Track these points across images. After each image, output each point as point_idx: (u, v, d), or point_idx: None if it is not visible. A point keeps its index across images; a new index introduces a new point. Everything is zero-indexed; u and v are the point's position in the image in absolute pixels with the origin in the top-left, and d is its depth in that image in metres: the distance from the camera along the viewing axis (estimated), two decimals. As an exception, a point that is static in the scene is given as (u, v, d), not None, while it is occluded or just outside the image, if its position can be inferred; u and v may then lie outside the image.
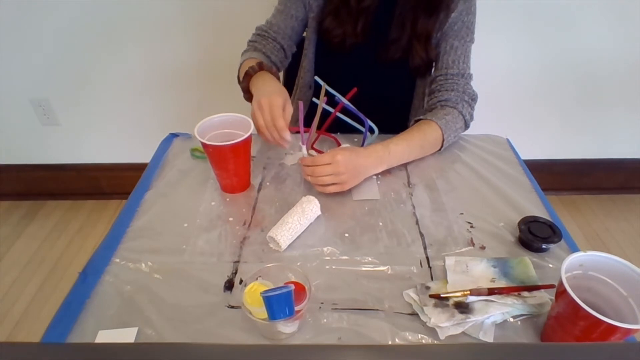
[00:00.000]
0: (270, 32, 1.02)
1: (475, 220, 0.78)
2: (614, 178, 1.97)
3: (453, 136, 0.94)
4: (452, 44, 0.96)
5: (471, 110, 0.97)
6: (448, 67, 0.97)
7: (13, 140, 1.83)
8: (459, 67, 0.96)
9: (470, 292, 0.62)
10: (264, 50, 1.01)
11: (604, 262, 0.57)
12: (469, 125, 0.97)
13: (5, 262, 1.68)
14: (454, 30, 0.96)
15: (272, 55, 1.02)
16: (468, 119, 0.96)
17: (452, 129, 0.92)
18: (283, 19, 1.01)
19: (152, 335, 0.59)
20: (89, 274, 0.67)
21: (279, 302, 0.53)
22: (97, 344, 0.53)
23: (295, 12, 1.01)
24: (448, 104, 0.95)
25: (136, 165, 1.12)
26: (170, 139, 1.01)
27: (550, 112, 1.77)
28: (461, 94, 0.96)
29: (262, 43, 1.02)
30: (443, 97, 0.96)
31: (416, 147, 0.90)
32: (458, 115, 0.94)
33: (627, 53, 1.60)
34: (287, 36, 1.03)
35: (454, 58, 0.96)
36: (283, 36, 1.02)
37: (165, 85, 1.68)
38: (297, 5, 1.00)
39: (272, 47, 1.02)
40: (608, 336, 0.51)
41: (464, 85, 0.96)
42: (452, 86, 0.96)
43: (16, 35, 1.54)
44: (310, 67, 1.07)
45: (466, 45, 0.97)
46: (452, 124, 0.92)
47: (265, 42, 1.02)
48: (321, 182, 0.80)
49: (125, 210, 0.80)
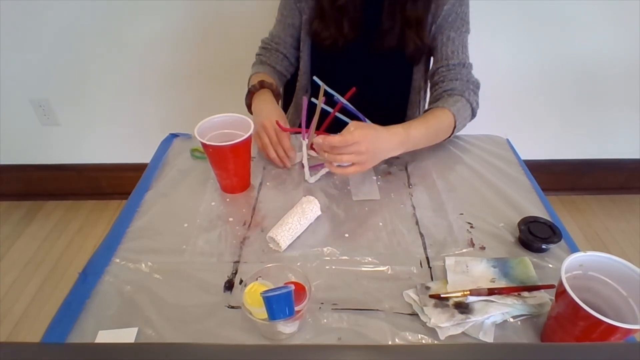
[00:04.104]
0: (272, 43, 1.08)
1: (475, 221, 0.78)
2: (614, 178, 1.97)
3: (462, 124, 0.94)
4: (448, 36, 0.97)
5: (477, 98, 0.97)
6: (448, 58, 0.97)
7: (13, 140, 1.83)
8: (459, 57, 0.97)
9: (470, 293, 0.62)
10: (269, 62, 1.08)
11: (603, 262, 0.57)
12: (475, 113, 0.97)
13: (5, 262, 1.68)
14: (448, 22, 0.97)
15: (277, 65, 1.08)
16: (475, 107, 0.96)
17: (462, 116, 0.93)
18: (282, 29, 1.07)
19: (152, 335, 0.59)
20: (89, 274, 0.67)
21: (279, 302, 0.53)
22: (97, 344, 0.53)
23: (292, 20, 1.05)
24: (455, 93, 0.95)
25: (136, 165, 1.12)
26: (170, 139, 1.01)
27: (550, 112, 1.77)
28: (465, 83, 0.96)
29: (267, 55, 1.08)
30: (449, 87, 0.96)
31: (432, 133, 0.90)
32: (466, 103, 0.94)
33: (627, 53, 1.60)
34: (288, 45, 1.08)
35: (453, 49, 0.97)
36: (285, 45, 1.08)
37: (165, 85, 1.68)
38: (293, 14, 1.04)
39: (276, 58, 1.08)
40: (608, 336, 0.50)
41: (467, 75, 0.97)
42: (455, 76, 0.96)
43: (16, 35, 1.54)
44: (306, 70, 1.09)
45: (463, 36, 0.98)
46: (462, 111, 0.93)
47: (269, 54, 1.08)
48: (340, 161, 0.78)
49: (125, 210, 0.80)
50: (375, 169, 0.91)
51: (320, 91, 0.84)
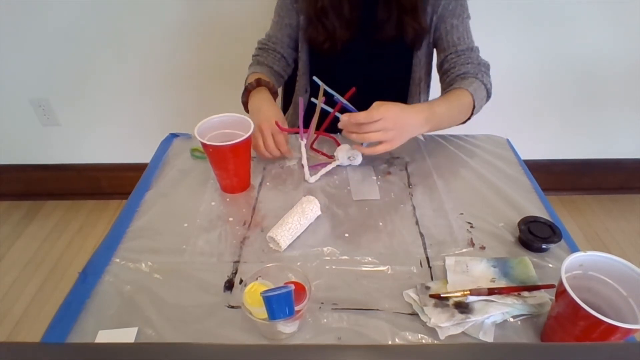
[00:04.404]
0: (270, 43, 1.07)
1: (475, 221, 0.78)
2: (614, 178, 1.97)
3: (480, 105, 0.94)
4: (452, 24, 0.98)
5: (489, 79, 0.97)
6: (455, 44, 0.98)
7: (13, 140, 1.83)
8: (466, 43, 0.98)
9: (470, 292, 0.62)
10: (267, 62, 1.06)
11: (603, 262, 0.57)
12: (490, 94, 0.98)
13: (5, 262, 1.68)
14: (449, 11, 0.98)
15: (275, 65, 1.07)
16: (489, 88, 0.97)
17: (479, 97, 0.93)
18: (279, 29, 1.06)
19: (152, 335, 0.59)
20: (89, 274, 0.67)
21: (279, 302, 0.53)
22: (97, 344, 0.53)
23: (289, 20, 1.05)
24: (469, 75, 0.95)
25: (136, 165, 1.13)
26: (170, 139, 1.01)
27: (550, 112, 1.77)
28: (477, 65, 0.96)
29: (264, 55, 1.07)
30: (461, 71, 0.96)
31: (455, 110, 0.90)
32: (481, 84, 0.94)
33: (627, 53, 1.60)
34: (285, 45, 1.07)
35: (458, 35, 0.98)
36: (282, 45, 1.07)
37: (165, 85, 1.68)
38: (290, 14, 1.04)
39: (273, 58, 1.07)
40: (608, 336, 0.50)
41: (477, 58, 0.98)
42: (466, 60, 0.97)
43: (16, 35, 1.54)
44: (305, 71, 1.09)
45: (465, 22, 0.99)
46: (478, 92, 0.93)
47: (266, 54, 1.07)
48: (368, 139, 0.78)
49: (125, 210, 0.80)
50: (375, 169, 0.91)
51: (319, 91, 0.84)
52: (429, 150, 0.97)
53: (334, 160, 0.91)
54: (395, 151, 0.96)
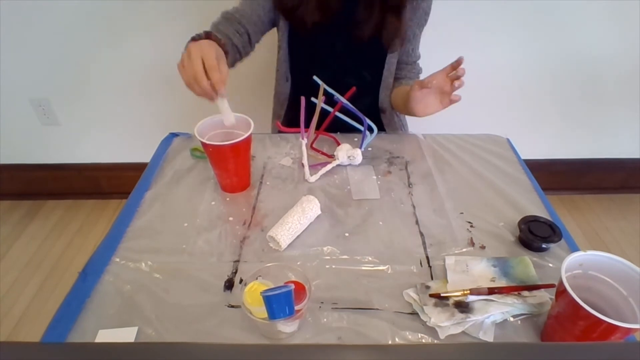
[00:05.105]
0: (236, 15, 0.97)
1: (475, 220, 0.78)
2: (614, 177, 1.97)
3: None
4: (414, 33, 1.03)
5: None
6: (409, 55, 1.07)
7: (13, 140, 1.82)
8: (416, 55, 1.09)
9: (470, 292, 0.62)
10: (227, 32, 0.94)
11: (603, 262, 0.57)
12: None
13: (5, 262, 1.68)
14: (416, 17, 1.00)
15: (235, 38, 0.95)
16: None
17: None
18: (249, 5, 0.99)
19: (152, 335, 0.59)
20: (89, 273, 0.67)
21: (279, 302, 0.53)
22: (97, 344, 0.53)
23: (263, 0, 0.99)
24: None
25: (136, 165, 1.12)
26: (170, 139, 1.01)
27: (551, 111, 1.77)
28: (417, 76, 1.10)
29: (225, 25, 0.96)
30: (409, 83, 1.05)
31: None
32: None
33: (627, 53, 1.60)
34: (252, 22, 0.98)
35: (414, 46, 1.07)
36: (248, 21, 0.98)
37: (165, 85, 1.67)
38: None
39: (235, 30, 0.96)
40: (608, 336, 0.50)
41: (419, 69, 1.11)
42: (416, 75, 1.10)
43: (16, 35, 1.54)
44: (285, 59, 1.07)
45: (421, 31, 1.06)
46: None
47: (228, 24, 0.96)
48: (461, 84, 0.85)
49: (125, 210, 0.80)
50: (375, 169, 0.91)
51: (319, 91, 0.84)
52: (429, 150, 0.97)
53: (334, 159, 0.91)
54: (395, 151, 0.97)
